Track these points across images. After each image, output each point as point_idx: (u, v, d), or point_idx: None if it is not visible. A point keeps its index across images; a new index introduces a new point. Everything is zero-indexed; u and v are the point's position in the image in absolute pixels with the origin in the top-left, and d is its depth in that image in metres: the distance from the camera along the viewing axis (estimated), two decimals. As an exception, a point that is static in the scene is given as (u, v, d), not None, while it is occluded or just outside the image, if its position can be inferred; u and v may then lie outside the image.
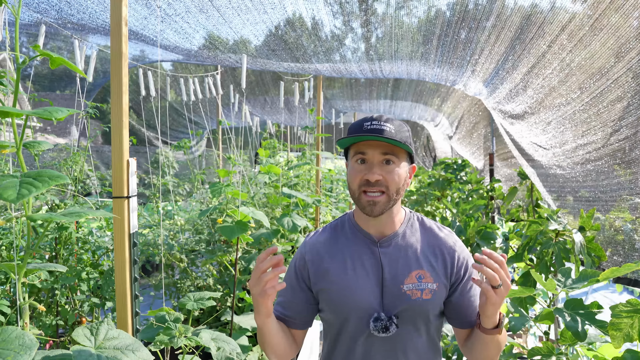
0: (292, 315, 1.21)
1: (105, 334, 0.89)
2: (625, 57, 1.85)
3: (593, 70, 2.16)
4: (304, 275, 1.21)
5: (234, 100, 4.22)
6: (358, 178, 1.12)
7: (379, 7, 2.89)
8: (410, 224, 1.22)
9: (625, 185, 2.18)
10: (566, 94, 2.47)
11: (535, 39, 2.41)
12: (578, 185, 2.66)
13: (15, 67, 0.84)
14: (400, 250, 1.17)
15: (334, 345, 1.21)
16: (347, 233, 1.23)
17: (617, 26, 1.83)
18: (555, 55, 2.38)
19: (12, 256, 2.05)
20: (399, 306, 1.13)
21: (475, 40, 2.86)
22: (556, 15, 2.17)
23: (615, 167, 2.19)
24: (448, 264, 1.17)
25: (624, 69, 1.92)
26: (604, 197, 2.41)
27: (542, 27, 2.30)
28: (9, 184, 0.70)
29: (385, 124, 1.10)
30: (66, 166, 2.47)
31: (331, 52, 3.53)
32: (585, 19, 2.00)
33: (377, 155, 1.11)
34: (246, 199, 2.84)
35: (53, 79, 4.55)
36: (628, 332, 1.15)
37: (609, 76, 2.03)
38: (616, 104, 2.07)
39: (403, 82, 5.81)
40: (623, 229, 2.27)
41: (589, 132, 2.39)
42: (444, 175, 5.74)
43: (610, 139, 2.18)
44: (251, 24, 2.95)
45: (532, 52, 2.54)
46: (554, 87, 2.57)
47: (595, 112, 2.26)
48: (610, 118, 2.16)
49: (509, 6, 2.38)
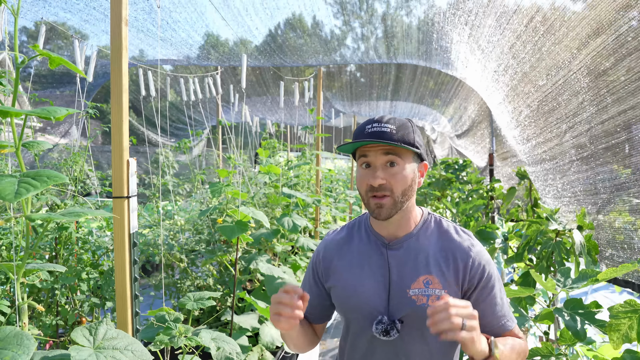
0: (311, 310, 1.25)
1: (104, 334, 0.89)
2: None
3: (552, 63, 2.18)
4: (318, 271, 1.25)
5: (234, 100, 4.22)
6: (364, 184, 1.10)
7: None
8: (425, 227, 1.18)
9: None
10: (534, 81, 2.48)
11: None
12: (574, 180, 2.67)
13: (15, 67, 0.84)
14: (410, 254, 1.14)
15: (346, 339, 1.24)
16: (362, 234, 1.23)
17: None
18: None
19: (11, 256, 2.05)
20: (404, 311, 1.10)
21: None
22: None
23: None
24: (460, 270, 1.11)
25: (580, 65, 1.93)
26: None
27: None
28: (8, 183, 0.70)
29: (386, 125, 1.08)
30: (66, 166, 2.47)
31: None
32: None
33: (379, 157, 1.09)
34: (246, 199, 2.85)
35: (53, 79, 4.55)
36: (626, 333, 1.15)
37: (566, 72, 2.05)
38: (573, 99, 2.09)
39: (404, 82, 5.81)
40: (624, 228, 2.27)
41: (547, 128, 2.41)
42: (444, 175, 5.73)
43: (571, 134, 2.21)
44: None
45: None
46: (525, 73, 2.57)
47: (557, 104, 2.28)
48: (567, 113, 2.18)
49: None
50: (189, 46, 3.55)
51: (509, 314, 1.14)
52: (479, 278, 1.11)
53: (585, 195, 2.23)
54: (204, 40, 3.63)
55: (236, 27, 3.13)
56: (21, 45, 3.56)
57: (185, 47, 3.54)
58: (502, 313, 1.13)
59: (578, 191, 2.31)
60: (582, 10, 1.85)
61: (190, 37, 3.38)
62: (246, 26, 3.16)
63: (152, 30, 3.08)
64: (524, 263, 2.25)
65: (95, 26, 3.07)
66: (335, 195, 5.99)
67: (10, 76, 1.73)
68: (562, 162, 2.40)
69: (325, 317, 1.28)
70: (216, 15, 2.96)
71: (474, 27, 2.79)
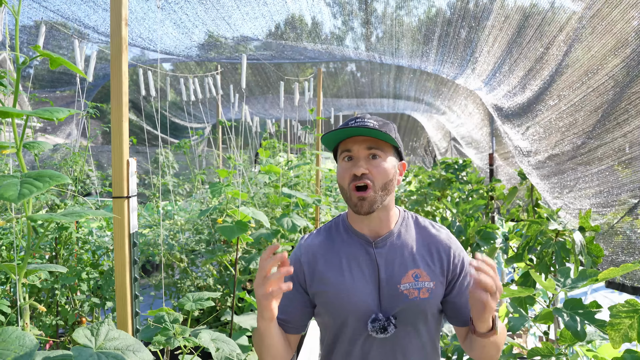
0: (289, 318, 1.20)
1: (106, 335, 0.89)
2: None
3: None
4: (299, 277, 1.20)
5: (233, 100, 4.22)
6: (347, 175, 1.12)
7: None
8: (404, 223, 1.22)
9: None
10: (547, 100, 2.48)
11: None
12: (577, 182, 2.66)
13: (15, 67, 0.84)
14: (395, 250, 1.17)
15: (332, 350, 1.20)
16: (342, 234, 1.22)
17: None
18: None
19: (12, 256, 2.05)
20: (397, 306, 1.12)
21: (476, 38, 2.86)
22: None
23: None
24: (444, 262, 1.17)
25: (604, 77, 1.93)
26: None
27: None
28: (10, 184, 0.70)
29: (369, 120, 1.12)
30: (66, 166, 2.47)
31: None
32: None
33: (362, 150, 1.12)
34: (246, 199, 2.85)
35: (53, 79, 4.55)
36: (627, 332, 1.15)
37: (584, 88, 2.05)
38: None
39: (404, 81, 5.82)
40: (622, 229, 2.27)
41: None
42: (444, 175, 5.73)
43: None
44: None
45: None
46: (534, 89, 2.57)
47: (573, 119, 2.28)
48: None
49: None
50: (189, 48, 3.55)
51: None
52: (460, 268, 1.18)
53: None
54: (205, 39, 3.63)
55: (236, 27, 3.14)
56: (21, 44, 3.56)
57: (187, 40, 3.52)
58: None
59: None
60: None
61: (189, 38, 3.38)
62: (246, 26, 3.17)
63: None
64: (524, 263, 2.25)
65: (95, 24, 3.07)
66: (335, 195, 5.98)
67: (11, 76, 1.73)
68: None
69: (303, 327, 1.22)
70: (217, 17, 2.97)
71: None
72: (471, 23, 2.77)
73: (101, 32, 3.17)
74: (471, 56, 3.18)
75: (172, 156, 4.03)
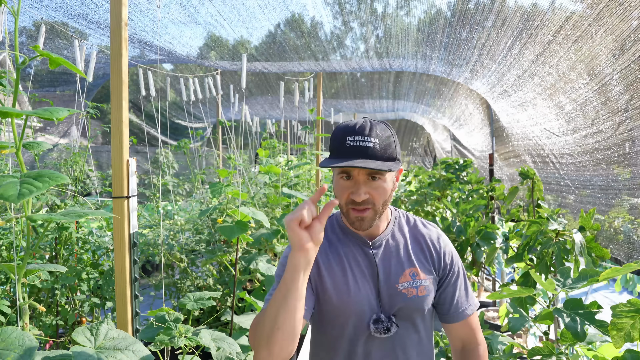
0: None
1: (106, 334, 0.89)
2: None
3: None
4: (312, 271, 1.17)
5: (233, 100, 4.22)
6: (345, 195, 1.08)
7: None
8: (397, 223, 1.23)
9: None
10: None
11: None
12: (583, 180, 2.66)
13: (15, 67, 0.84)
14: (391, 250, 1.18)
15: (332, 350, 1.18)
16: (338, 235, 1.22)
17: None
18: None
19: (12, 256, 2.04)
20: (396, 306, 1.13)
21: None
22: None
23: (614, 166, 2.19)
24: (435, 258, 1.20)
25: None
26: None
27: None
28: (10, 184, 0.70)
29: (369, 139, 1.03)
30: (66, 166, 2.47)
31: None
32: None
33: (362, 174, 1.06)
34: (246, 199, 2.84)
35: (53, 79, 4.55)
36: (629, 332, 1.15)
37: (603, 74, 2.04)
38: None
39: (404, 81, 5.81)
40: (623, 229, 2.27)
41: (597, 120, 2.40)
42: (444, 175, 5.73)
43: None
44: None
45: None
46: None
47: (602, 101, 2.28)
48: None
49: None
50: (189, 47, 3.55)
51: (471, 299, 1.23)
52: (450, 264, 1.21)
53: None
54: (205, 40, 3.63)
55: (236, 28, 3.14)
56: (21, 44, 3.56)
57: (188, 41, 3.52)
58: (466, 298, 1.22)
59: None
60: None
61: (189, 40, 3.38)
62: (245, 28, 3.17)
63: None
64: (524, 263, 2.25)
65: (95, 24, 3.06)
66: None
67: (11, 76, 1.73)
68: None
69: (308, 311, 1.11)
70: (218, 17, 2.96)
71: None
72: (471, 22, 2.77)
73: (101, 32, 3.17)
74: (471, 56, 3.19)
75: (172, 156, 4.03)
